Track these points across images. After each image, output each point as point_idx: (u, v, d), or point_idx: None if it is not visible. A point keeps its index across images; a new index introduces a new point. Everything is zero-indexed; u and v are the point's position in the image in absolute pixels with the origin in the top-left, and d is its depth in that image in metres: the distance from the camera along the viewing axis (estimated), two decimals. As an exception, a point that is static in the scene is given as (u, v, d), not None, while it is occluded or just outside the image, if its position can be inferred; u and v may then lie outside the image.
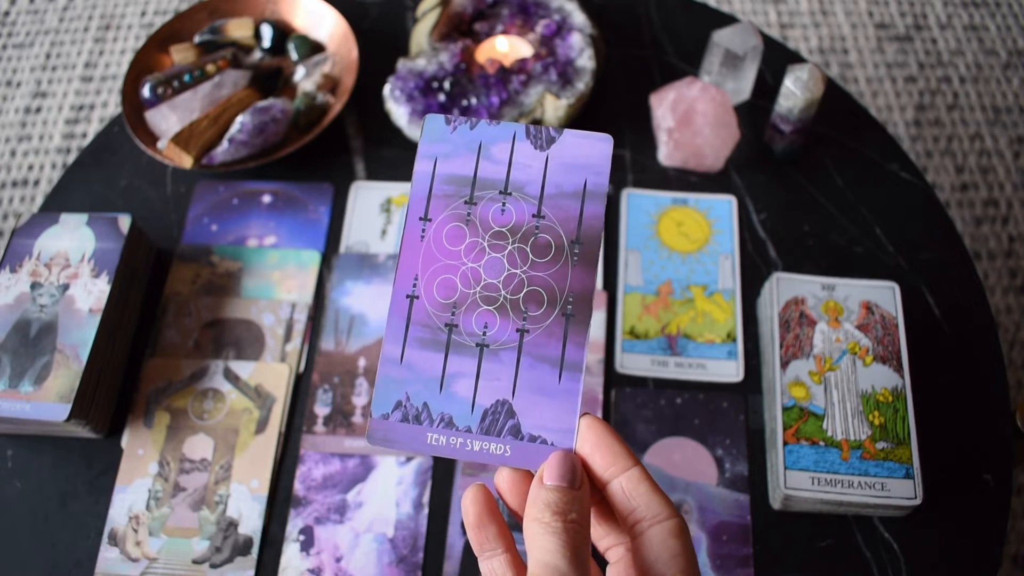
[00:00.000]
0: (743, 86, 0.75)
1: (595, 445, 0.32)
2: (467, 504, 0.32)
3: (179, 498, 0.60)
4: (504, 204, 0.36)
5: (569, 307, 0.34)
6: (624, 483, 0.31)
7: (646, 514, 0.31)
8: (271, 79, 0.77)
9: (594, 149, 0.36)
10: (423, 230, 0.36)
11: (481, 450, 0.34)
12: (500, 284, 0.35)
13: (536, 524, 0.30)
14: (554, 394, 0.34)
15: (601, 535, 0.34)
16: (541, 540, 0.29)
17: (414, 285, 0.35)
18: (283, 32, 0.79)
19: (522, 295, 0.35)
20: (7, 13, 1.57)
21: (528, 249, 0.35)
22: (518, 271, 0.35)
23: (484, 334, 0.35)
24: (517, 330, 0.35)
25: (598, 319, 0.66)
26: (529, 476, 0.32)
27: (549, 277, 0.35)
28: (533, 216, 0.35)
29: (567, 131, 0.36)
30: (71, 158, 1.37)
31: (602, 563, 0.34)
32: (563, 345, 0.34)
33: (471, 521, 0.32)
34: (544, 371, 0.34)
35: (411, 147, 0.75)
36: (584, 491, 0.31)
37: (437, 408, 0.34)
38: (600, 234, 0.35)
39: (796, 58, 0.79)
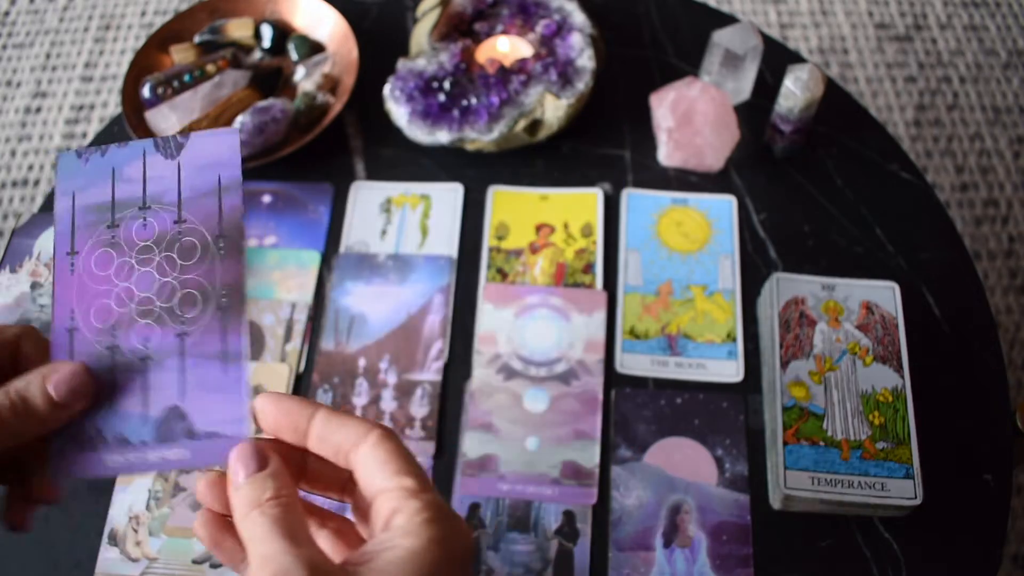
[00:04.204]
0: (743, 86, 0.75)
1: (275, 416, 0.32)
2: (198, 530, 0.32)
3: (179, 498, 0.60)
4: (145, 219, 0.37)
5: (223, 300, 0.35)
6: (318, 430, 0.31)
7: (348, 443, 0.30)
8: (271, 79, 0.77)
9: (223, 145, 0.37)
10: (72, 264, 0.37)
11: (160, 460, 0.34)
12: (154, 295, 0.36)
13: (241, 524, 0.29)
14: (223, 387, 0.34)
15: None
16: (248, 535, 0.29)
17: (72, 318, 0.36)
18: (283, 32, 0.79)
19: (176, 300, 0.36)
20: (7, 13, 1.57)
21: (175, 255, 0.36)
22: (169, 279, 0.36)
23: (146, 347, 0.35)
24: (176, 335, 0.35)
25: (598, 319, 0.66)
26: (224, 479, 0.32)
27: (200, 276, 0.36)
28: (175, 223, 0.37)
29: (193, 134, 0.37)
30: (71, 158, 1.37)
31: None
32: (223, 338, 0.35)
33: (208, 544, 0.32)
34: (211, 367, 0.35)
35: (411, 147, 0.75)
36: (274, 467, 0.30)
37: (110, 430, 0.34)
38: (241, 222, 0.36)
39: (796, 58, 0.79)
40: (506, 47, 0.75)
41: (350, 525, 0.34)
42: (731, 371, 0.64)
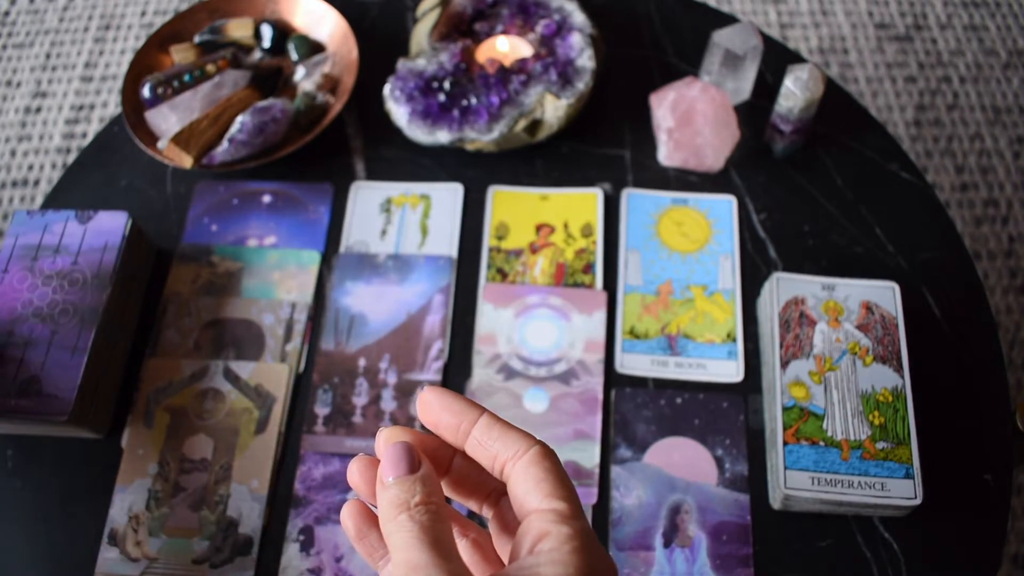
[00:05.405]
0: (743, 86, 0.75)
1: (438, 411, 0.31)
2: (344, 519, 0.32)
3: (179, 498, 0.60)
4: (55, 259, 0.62)
5: (85, 315, 0.60)
6: (478, 434, 0.30)
7: (507, 454, 0.30)
8: (271, 79, 0.77)
9: (116, 221, 0.64)
10: (2, 279, 0.61)
11: (14, 404, 0.56)
12: (44, 306, 0.60)
13: (386, 526, 0.29)
14: (67, 368, 0.57)
15: (470, 498, 0.33)
16: (393, 540, 0.28)
17: None
18: (283, 32, 0.79)
19: (56, 311, 0.59)
20: (7, 13, 1.57)
21: (65, 284, 0.61)
22: (57, 296, 0.60)
23: (30, 336, 0.59)
24: (50, 332, 0.59)
25: (598, 319, 0.66)
26: (376, 465, 0.32)
27: (75, 299, 0.60)
28: (72, 264, 0.61)
29: (100, 213, 0.65)
30: (71, 158, 1.37)
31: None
32: (77, 337, 0.59)
33: (352, 535, 0.32)
34: (63, 355, 0.58)
35: (411, 147, 0.75)
36: (425, 471, 0.30)
37: None
38: (109, 270, 0.62)
39: (796, 58, 0.79)
40: (506, 47, 0.75)
41: (487, 538, 0.33)
42: (731, 371, 0.64)
